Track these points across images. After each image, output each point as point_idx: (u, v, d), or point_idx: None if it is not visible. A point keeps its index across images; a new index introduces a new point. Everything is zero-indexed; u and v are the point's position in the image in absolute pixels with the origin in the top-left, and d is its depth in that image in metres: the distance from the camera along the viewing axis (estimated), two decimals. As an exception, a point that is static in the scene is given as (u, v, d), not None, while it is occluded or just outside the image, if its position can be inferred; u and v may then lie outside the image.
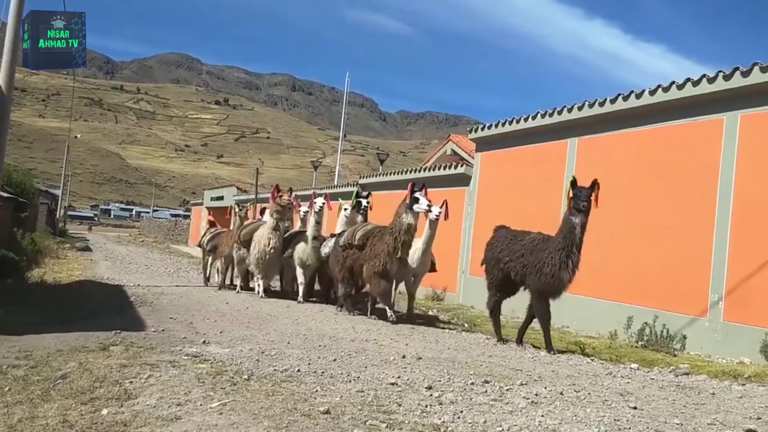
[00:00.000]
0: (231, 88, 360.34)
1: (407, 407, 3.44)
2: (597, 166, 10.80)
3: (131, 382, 3.72)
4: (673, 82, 9.21)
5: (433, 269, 9.69)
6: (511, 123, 12.88)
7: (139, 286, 10.79)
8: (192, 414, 3.12)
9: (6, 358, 4.34)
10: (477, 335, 8.11)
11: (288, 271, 11.27)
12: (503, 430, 3.13)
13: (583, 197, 6.41)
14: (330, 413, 3.19)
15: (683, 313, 8.65)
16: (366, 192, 10.72)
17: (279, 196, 10.47)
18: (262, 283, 10.71)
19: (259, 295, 10.48)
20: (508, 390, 4.09)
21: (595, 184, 6.50)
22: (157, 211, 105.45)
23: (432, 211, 8.67)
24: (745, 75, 8.27)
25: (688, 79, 9.00)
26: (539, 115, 12.05)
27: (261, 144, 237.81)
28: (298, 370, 4.24)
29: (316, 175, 34.92)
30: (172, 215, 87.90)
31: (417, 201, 8.26)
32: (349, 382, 4.01)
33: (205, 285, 12.62)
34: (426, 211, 8.31)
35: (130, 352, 4.67)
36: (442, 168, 15.42)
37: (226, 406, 3.24)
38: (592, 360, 6.49)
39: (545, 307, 6.75)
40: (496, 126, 13.36)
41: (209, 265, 13.32)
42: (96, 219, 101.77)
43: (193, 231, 42.45)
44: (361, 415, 3.21)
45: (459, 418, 3.30)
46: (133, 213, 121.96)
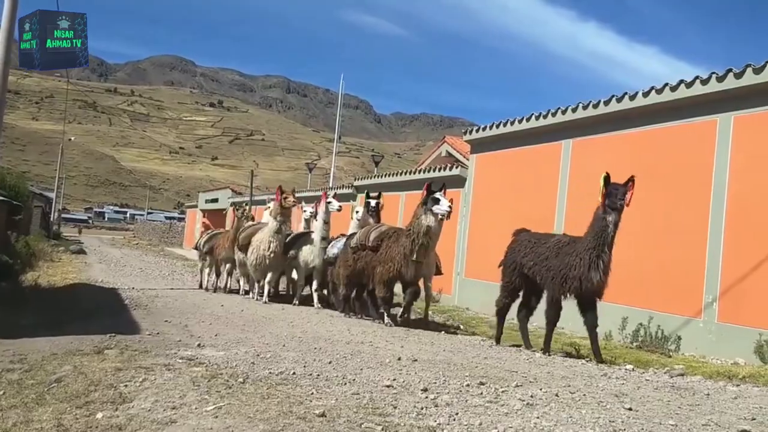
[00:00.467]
0: (225, 90, 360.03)
1: (403, 409, 3.44)
2: (591, 167, 10.83)
3: (126, 386, 3.71)
4: (666, 84, 9.26)
5: (438, 272, 9.53)
6: (505, 125, 12.92)
7: (133, 289, 10.76)
8: (187, 417, 3.12)
9: (0, 362, 4.33)
10: (472, 337, 8.13)
11: (298, 276, 10.91)
12: (498, 431, 3.14)
13: (619, 195, 6.09)
14: (325, 416, 3.18)
15: (678, 313, 8.68)
16: (377, 192, 10.28)
17: (284, 197, 10.13)
18: (266, 287, 10.35)
19: (262, 300, 10.12)
20: (503, 392, 4.10)
21: (630, 181, 6.19)
22: (151, 213, 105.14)
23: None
24: (738, 76, 8.31)
25: (682, 81, 9.05)
26: (533, 116, 12.09)
27: (255, 146, 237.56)
28: (294, 373, 4.23)
29: (311, 177, 34.90)
30: (167, 218, 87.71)
31: (437, 202, 7.77)
32: (345, 384, 4.00)
33: (201, 289, 12.44)
34: (447, 213, 7.72)
35: (125, 355, 4.66)
36: (437, 170, 15.45)
37: (221, 410, 3.23)
38: (588, 361, 6.50)
39: (557, 310, 6.62)
40: (491, 128, 13.39)
41: (206, 268, 12.84)
42: (90, 222, 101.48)
43: (187, 233, 42.38)
44: (356, 417, 3.21)
45: (454, 420, 3.30)
46: (128, 216, 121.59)
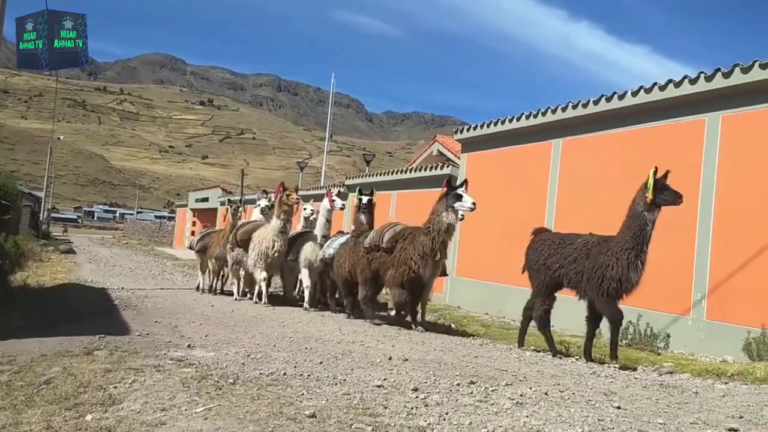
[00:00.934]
0: (215, 89, 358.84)
1: (393, 409, 3.45)
2: (580, 166, 10.89)
3: (115, 387, 3.69)
4: (655, 84, 9.31)
5: (444, 273, 9.05)
6: (496, 124, 12.95)
7: (123, 289, 10.71)
8: (176, 419, 3.11)
9: (-12, 363, 4.30)
10: (463, 337, 8.15)
11: (290, 276, 10.67)
12: (488, 431, 3.15)
13: (671, 195, 5.85)
14: (316, 417, 3.18)
15: (667, 311, 8.74)
16: (370, 188, 9.72)
17: (287, 195, 9.68)
18: (265, 290, 9.88)
19: (262, 303, 9.67)
20: (493, 391, 4.12)
21: (665, 177, 5.95)
22: (141, 212, 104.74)
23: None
24: (727, 76, 8.37)
25: (670, 81, 9.10)
26: (524, 116, 12.13)
27: (246, 145, 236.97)
28: (284, 374, 4.23)
29: (302, 176, 34.84)
30: (157, 217, 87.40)
31: (460, 198, 7.42)
32: (336, 384, 4.01)
33: (204, 293, 11.66)
34: (471, 210, 7.46)
35: (115, 356, 4.64)
36: (428, 169, 15.46)
37: (210, 411, 3.22)
38: (577, 359, 6.53)
39: (615, 306, 6.05)
40: (482, 127, 13.42)
41: (204, 271, 12.20)
42: (79, 221, 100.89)
43: (177, 233, 42.21)
44: (347, 418, 3.21)
45: (444, 419, 3.31)
46: (117, 215, 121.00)
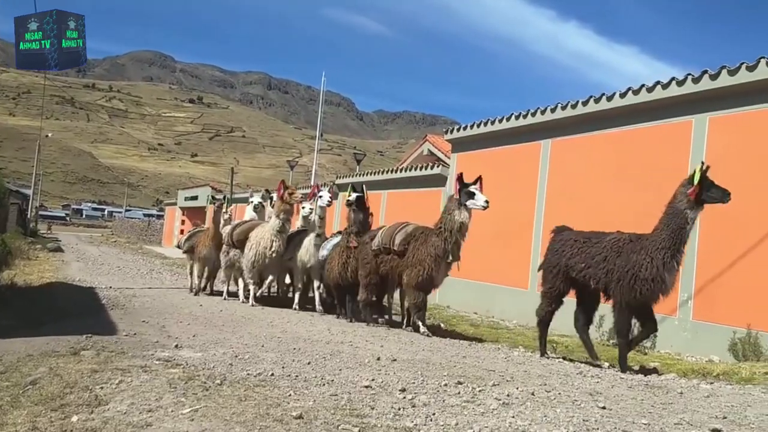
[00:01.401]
0: (205, 86, 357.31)
1: (380, 410, 3.46)
2: (570, 167, 10.95)
3: (102, 388, 3.68)
4: (643, 85, 9.38)
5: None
6: (486, 124, 12.99)
7: (111, 288, 10.66)
8: (163, 420, 3.10)
9: (-26, 364, 4.27)
10: (453, 338, 8.14)
11: (285, 276, 10.50)
12: (474, 431, 3.17)
13: (718, 192, 5.52)
14: (302, 418, 3.19)
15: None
16: (360, 185, 9.30)
17: (289, 193, 9.37)
18: (252, 289, 9.70)
19: (249, 303, 9.48)
20: (480, 391, 4.13)
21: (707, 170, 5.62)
22: (129, 210, 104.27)
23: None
24: (714, 78, 8.44)
25: (658, 82, 9.17)
26: (513, 116, 12.18)
27: (236, 143, 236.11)
28: (272, 374, 4.23)
29: (293, 175, 34.76)
30: (145, 215, 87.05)
31: (472, 196, 7.12)
32: (323, 385, 4.01)
33: (193, 292, 11.22)
34: (484, 208, 7.16)
35: (102, 356, 4.62)
36: (419, 168, 15.49)
37: (197, 412, 3.22)
38: (564, 359, 6.57)
39: (629, 319, 5.81)
40: (472, 127, 13.47)
41: (192, 269, 11.78)
42: (68, 219, 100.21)
43: (166, 231, 42.03)
44: (333, 419, 3.22)
45: (431, 420, 3.32)
46: (106, 213, 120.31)
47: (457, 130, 14.11)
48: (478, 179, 7.28)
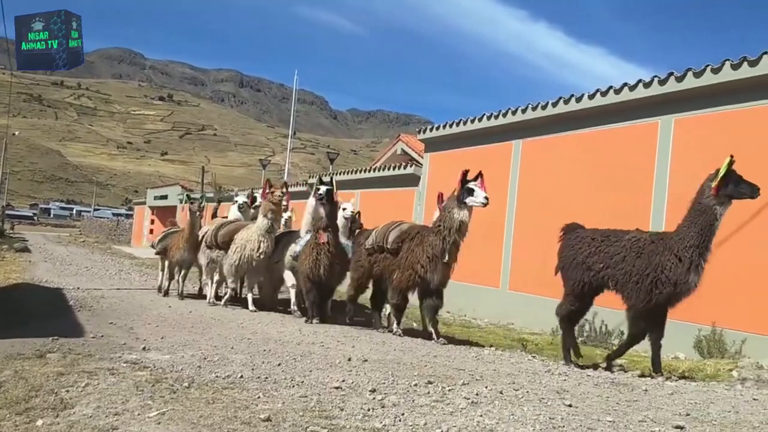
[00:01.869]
0: (175, 84, 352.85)
1: (349, 411, 3.46)
2: (540, 167, 11.07)
3: (68, 391, 3.63)
4: (611, 87, 9.53)
5: None
6: (458, 124, 13.08)
7: (78, 289, 10.47)
8: (129, 424, 3.07)
9: (-64, 368, 4.17)
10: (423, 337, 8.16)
11: (272, 279, 9.91)
12: (442, 431, 3.19)
13: (747, 187, 5.14)
14: (271, 420, 3.18)
15: (620, 309, 8.90)
16: (329, 176, 8.94)
17: (271, 192, 9.03)
18: (230, 292, 9.36)
19: (222, 303, 9.18)
20: (450, 390, 4.16)
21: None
22: (98, 210, 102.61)
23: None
24: (679, 80, 8.61)
25: (625, 84, 9.32)
26: (485, 117, 12.28)
27: (207, 141, 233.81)
28: (241, 376, 4.20)
29: (265, 174, 34.52)
30: (114, 215, 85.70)
31: (472, 192, 6.80)
32: (293, 387, 4.00)
33: (162, 293, 10.91)
34: (483, 206, 6.84)
35: (68, 359, 4.55)
36: (392, 168, 15.53)
37: (164, 416, 3.19)
38: (533, 357, 6.63)
39: (642, 324, 5.58)
40: (444, 127, 13.55)
41: (160, 270, 11.49)
42: (35, 218, 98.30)
43: (135, 231, 41.50)
44: (302, 421, 3.21)
45: (400, 420, 3.34)
46: (74, 212, 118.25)
47: (430, 130, 14.17)
48: (479, 175, 6.97)
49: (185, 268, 10.59)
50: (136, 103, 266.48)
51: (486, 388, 4.28)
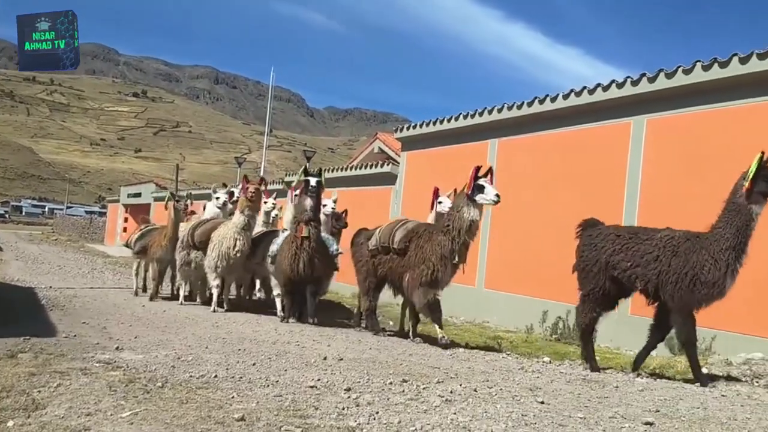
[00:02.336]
0: (150, 80, 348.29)
1: (324, 410, 3.48)
2: (515, 166, 11.16)
3: (40, 392, 3.59)
4: (584, 87, 9.64)
5: None
6: (435, 123, 13.14)
7: (51, 288, 10.33)
8: (101, 424, 3.05)
9: None
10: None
11: (250, 280, 9.85)
12: (416, 429, 3.21)
13: None
14: (245, 420, 3.18)
15: (595, 307, 9.06)
16: (316, 168, 8.57)
17: (246, 187, 8.74)
18: (216, 292, 8.95)
19: (212, 309, 8.72)
20: (424, 388, 4.19)
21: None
22: (71, 207, 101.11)
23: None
24: (652, 81, 8.74)
25: (599, 84, 9.44)
26: (461, 116, 12.36)
27: (182, 138, 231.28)
28: (215, 376, 4.19)
29: (241, 172, 34.31)
30: (87, 212, 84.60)
31: (482, 190, 6.45)
32: (268, 386, 4.00)
33: (136, 295, 10.63)
34: (494, 203, 6.52)
35: (40, 359, 4.50)
36: (369, 167, 15.54)
37: (137, 416, 3.17)
38: (507, 355, 6.70)
39: (693, 325, 5.27)
40: (421, 126, 13.60)
41: (140, 270, 11.14)
42: (7, 216, 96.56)
43: (109, 229, 40.99)
44: (276, 420, 3.22)
45: (374, 419, 3.36)
46: (46, 210, 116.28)
47: (407, 128, 14.21)
48: (489, 171, 6.63)
49: (166, 266, 10.28)
50: (110, 99, 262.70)
51: (460, 385, 4.31)
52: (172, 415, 3.21)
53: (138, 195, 35.97)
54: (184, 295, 9.79)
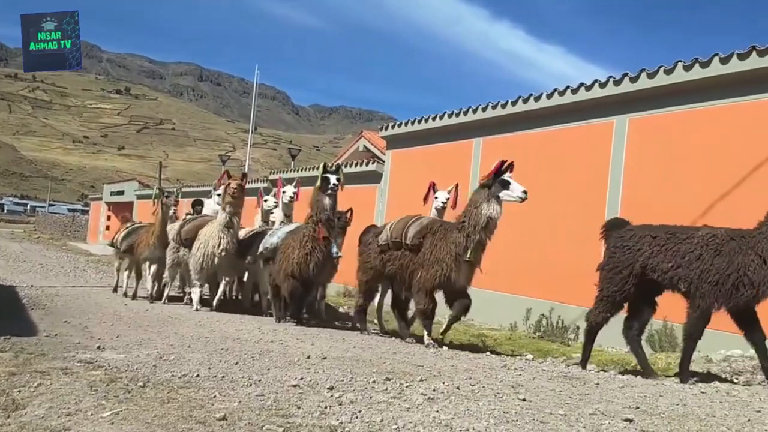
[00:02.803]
0: (133, 77, 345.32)
1: (306, 409, 3.47)
2: (499, 165, 11.21)
3: (20, 392, 3.55)
4: (568, 87, 9.71)
5: None
6: (420, 122, 13.16)
7: (32, 287, 10.23)
8: (82, 424, 3.03)
9: None
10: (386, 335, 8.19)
11: (249, 280, 9.57)
12: (398, 427, 3.22)
13: None
14: (226, 419, 3.16)
15: (576, 304, 9.12)
16: (334, 165, 8.31)
17: (229, 184, 8.51)
18: (198, 291, 8.82)
19: (194, 308, 8.64)
20: (407, 387, 4.20)
21: None
22: (53, 205, 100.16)
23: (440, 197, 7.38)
24: (634, 81, 8.82)
25: (582, 84, 9.51)
26: (446, 115, 12.39)
27: (165, 136, 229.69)
28: (197, 375, 4.17)
29: (225, 170, 34.14)
30: (70, 210, 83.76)
31: (506, 186, 6.19)
32: (250, 386, 3.98)
33: (115, 292, 10.58)
34: (521, 201, 6.25)
35: (20, 359, 4.45)
36: (354, 165, 15.52)
37: (118, 416, 3.15)
38: (491, 353, 6.73)
39: (706, 323, 5.18)
40: (406, 124, 13.61)
41: (122, 270, 10.78)
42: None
43: (91, 227, 40.64)
44: (258, 420, 3.21)
45: (357, 417, 3.36)
46: (28, 208, 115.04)
47: (392, 127, 14.22)
48: (510, 165, 6.33)
49: (154, 264, 9.89)
50: (93, 96, 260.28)
51: (443, 383, 4.33)
52: (153, 415, 3.19)
53: (121, 193, 35.68)
54: (168, 295, 9.66)
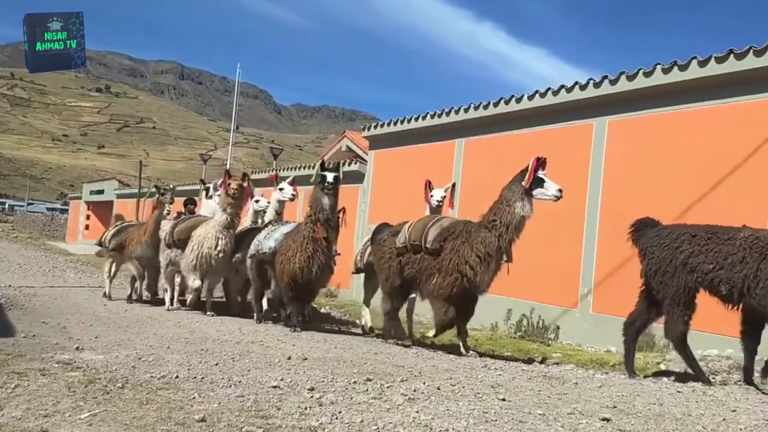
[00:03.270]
0: (113, 75, 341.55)
1: (286, 411, 3.47)
2: (481, 166, 11.27)
3: (-4, 393, 3.52)
4: (549, 88, 9.78)
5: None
6: (402, 122, 13.18)
7: (10, 287, 10.09)
8: (59, 426, 3.01)
9: None
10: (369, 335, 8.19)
11: (236, 280, 9.18)
12: (378, 428, 3.23)
13: None
14: (206, 421, 3.16)
15: (557, 304, 9.23)
16: (334, 163, 7.98)
17: (229, 184, 8.25)
18: (195, 296, 8.61)
19: (174, 306, 8.55)
20: (388, 387, 4.21)
21: None
22: (32, 204, 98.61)
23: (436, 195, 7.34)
24: (613, 83, 8.91)
25: (563, 86, 9.58)
26: (429, 115, 12.42)
27: (146, 134, 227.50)
28: (177, 377, 4.15)
29: (206, 169, 33.95)
30: (49, 209, 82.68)
31: (541, 183, 5.97)
32: (230, 387, 3.97)
33: (109, 299, 9.73)
34: (555, 199, 6.00)
35: (-3, 360, 4.41)
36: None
37: (96, 417, 3.13)
38: (472, 353, 6.76)
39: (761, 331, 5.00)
40: (389, 125, 13.64)
41: (111, 271, 10.04)
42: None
43: (71, 226, 40.21)
44: (237, 421, 3.20)
45: (337, 418, 3.37)
46: (6, 207, 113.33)
47: (375, 127, 14.23)
48: (543, 162, 6.09)
49: (144, 265, 9.45)
50: (72, 94, 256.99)
51: (424, 384, 4.35)
52: (131, 417, 3.17)
53: (101, 192, 35.34)
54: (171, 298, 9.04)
